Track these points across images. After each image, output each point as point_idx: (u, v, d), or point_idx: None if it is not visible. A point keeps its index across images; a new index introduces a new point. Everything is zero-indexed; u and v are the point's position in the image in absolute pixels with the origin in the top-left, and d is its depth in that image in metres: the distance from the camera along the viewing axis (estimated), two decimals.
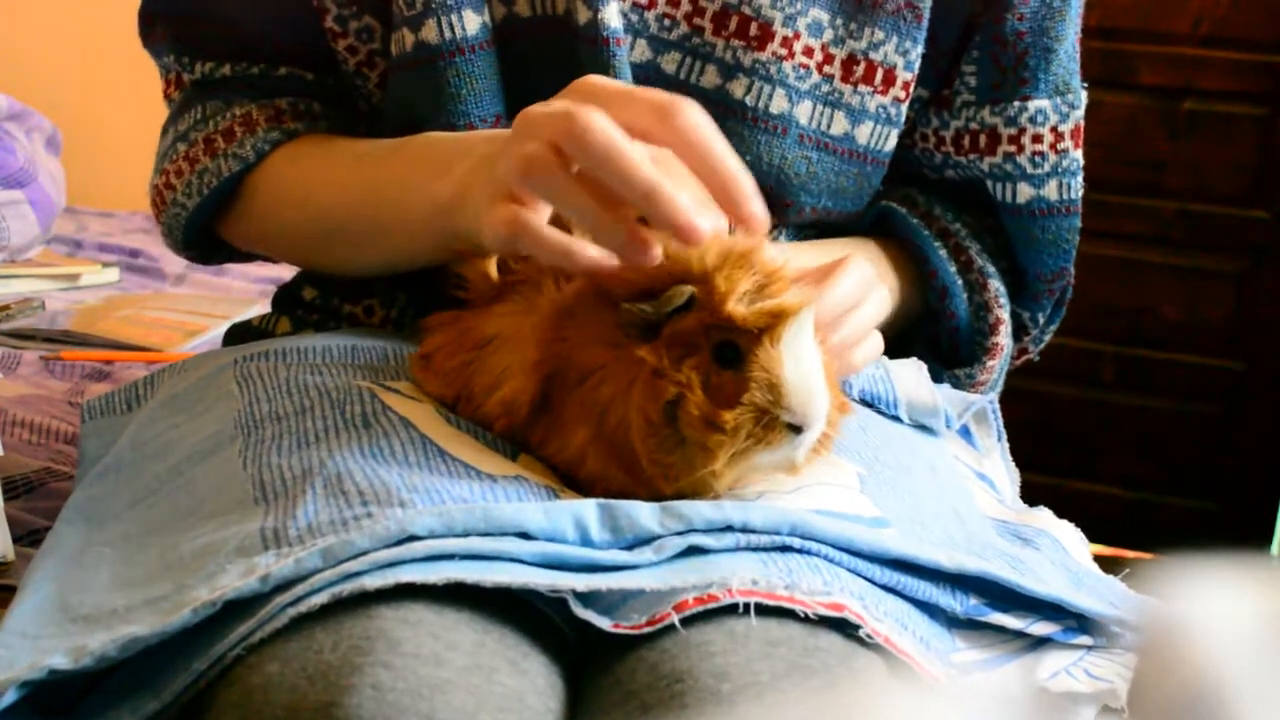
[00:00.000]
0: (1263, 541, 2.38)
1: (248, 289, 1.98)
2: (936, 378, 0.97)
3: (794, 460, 0.69)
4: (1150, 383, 2.48)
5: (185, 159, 0.97)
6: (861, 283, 0.83)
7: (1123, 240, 2.42)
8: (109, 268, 1.99)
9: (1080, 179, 1.00)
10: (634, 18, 0.90)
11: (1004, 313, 0.99)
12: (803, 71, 0.91)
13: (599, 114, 0.68)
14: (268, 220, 0.98)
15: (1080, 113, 0.99)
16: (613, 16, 0.86)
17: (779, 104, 0.91)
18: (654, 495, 0.69)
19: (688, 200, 0.66)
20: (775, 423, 0.67)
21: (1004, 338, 0.99)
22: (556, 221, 0.73)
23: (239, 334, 1.03)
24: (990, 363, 0.99)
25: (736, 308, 0.67)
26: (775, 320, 0.67)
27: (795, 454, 0.69)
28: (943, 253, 0.98)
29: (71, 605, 0.66)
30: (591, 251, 0.69)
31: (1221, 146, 2.38)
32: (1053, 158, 0.98)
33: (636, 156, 0.67)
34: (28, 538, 1.01)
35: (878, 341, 0.86)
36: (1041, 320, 1.06)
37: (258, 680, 0.58)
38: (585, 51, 0.87)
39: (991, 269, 0.99)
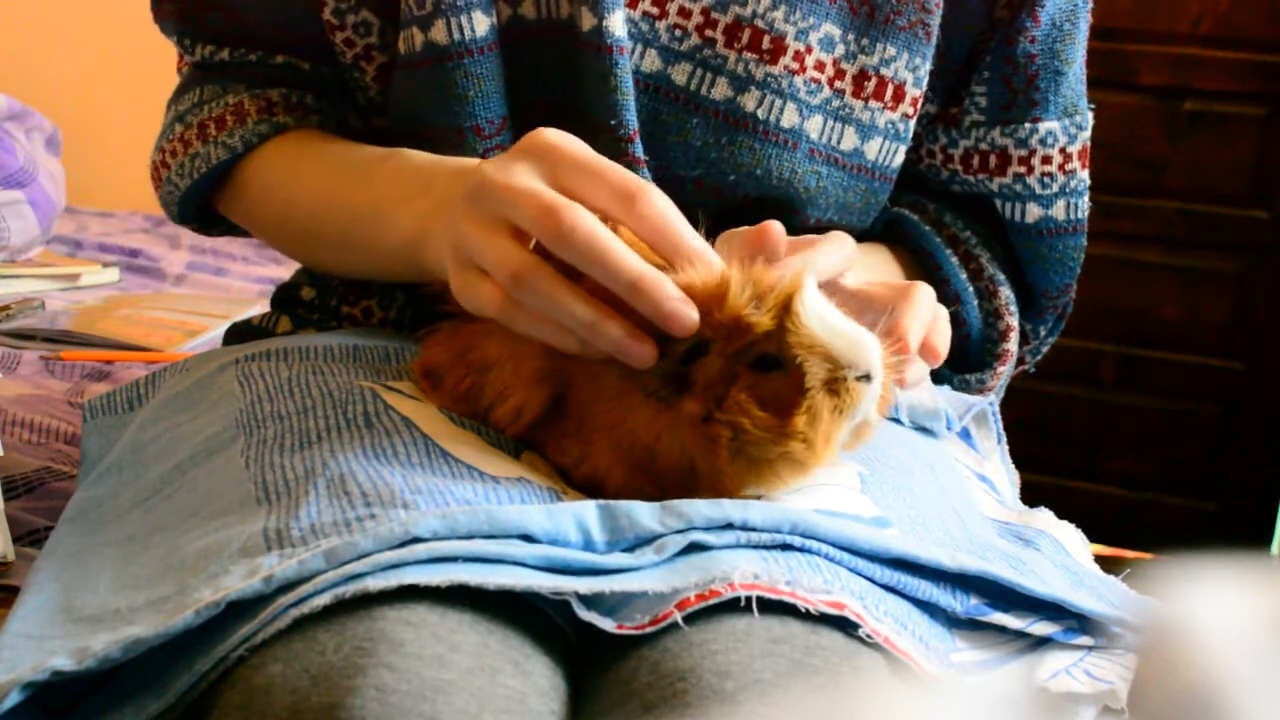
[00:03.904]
0: (1263, 541, 2.38)
1: (248, 289, 1.98)
2: (941, 381, 0.97)
3: (869, 418, 0.70)
4: (1150, 383, 2.48)
5: (180, 140, 0.98)
6: (933, 303, 0.84)
7: (1123, 240, 2.43)
8: (109, 268, 1.99)
9: (1086, 199, 1.01)
10: (644, 27, 0.90)
11: (1014, 320, 1.00)
12: (814, 86, 0.91)
13: (580, 212, 0.68)
14: (255, 211, 0.99)
15: (1087, 134, 1.00)
16: (617, 25, 0.86)
17: (790, 118, 0.91)
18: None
19: (672, 289, 0.67)
20: (845, 384, 0.68)
21: (1013, 344, 1.01)
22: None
23: (239, 333, 1.03)
24: (1000, 368, 1.01)
25: (755, 319, 0.68)
26: (787, 304, 0.68)
27: (870, 410, 0.70)
28: (954, 260, 0.99)
29: (74, 606, 0.66)
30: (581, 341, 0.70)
31: (1221, 146, 2.38)
32: (1061, 178, 0.99)
33: (621, 253, 0.67)
34: (27, 537, 1.01)
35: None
36: (1043, 333, 1.07)
37: (260, 681, 0.58)
38: (587, 58, 0.87)
39: (1001, 276, 1.00)
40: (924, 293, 0.83)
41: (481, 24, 0.88)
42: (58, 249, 2.11)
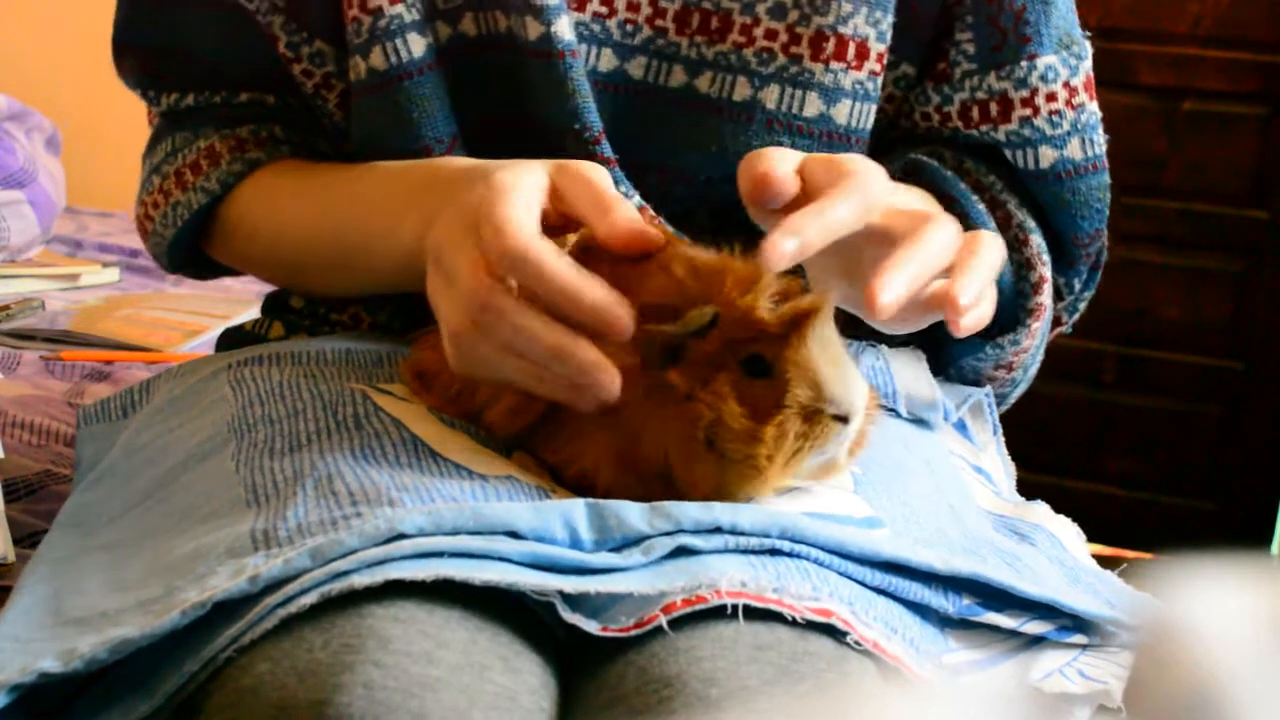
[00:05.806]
0: (1263, 541, 2.38)
1: (247, 289, 1.98)
2: (970, 346, 0.92)
3: (838, 458, 0.70)
4: (1150, 383, 2.48)
5: (160, 191, 0.99)
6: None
7: (1123, 240, 2.42)
8: (109, 268, 1.99)
9: (1101, 132, 0.95)
10: (596, 28, 0.90)
11: (1046, 270, 0.92)
12: (765, 55, 0.89)
13: (500, 294, 0.69)
14: (243, 249, 0.99)
15: (1088, 64, 0.94)
16: (565, 30, 0.86)
17: (742, 91, 0.90)
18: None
19: (589, 353, 0.68)
20: (821, 417, 0.68)
21: (1047, 297, 0.92)
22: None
23: (231, 339, 1.03)
24: (1034, 325, 0.92)
25: (764, 313, 0.68)
26: (802, 319, 0.68)
27: (840, 449, 0.69)
28: (980, 207, 0.91)
29: (63, 609, 0.66)
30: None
31: (1221, 146, 2.38)
32: (1070, 114, 0.93)
33: (540, 329, 0.68)
34: (28, 540, 1.01)
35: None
36: (1077, 286, 1.00)
37: (248, 681, 0.58)
38: (536, 67, 0.87)
39: (1031, 223, 0.93)
40: (992, 240, 0.77)
41: (418, 45, 0.88)
42: (58, 249, 2.11)
